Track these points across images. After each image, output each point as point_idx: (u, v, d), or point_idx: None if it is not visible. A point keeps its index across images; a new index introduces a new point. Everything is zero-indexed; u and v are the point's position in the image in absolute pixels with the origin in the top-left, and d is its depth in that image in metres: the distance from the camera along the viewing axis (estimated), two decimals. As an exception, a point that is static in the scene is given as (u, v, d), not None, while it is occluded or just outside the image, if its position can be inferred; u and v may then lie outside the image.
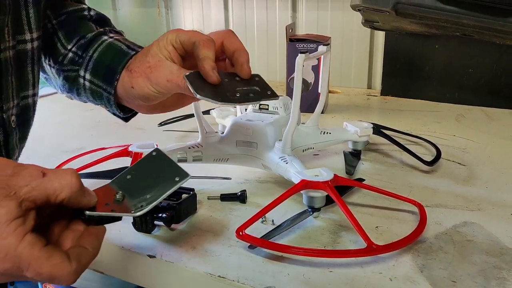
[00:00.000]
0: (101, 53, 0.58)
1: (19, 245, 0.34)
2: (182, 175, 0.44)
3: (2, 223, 0.34)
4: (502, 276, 0.48)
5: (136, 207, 0.42)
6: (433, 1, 0.84)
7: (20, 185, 0.35)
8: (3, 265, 0.34)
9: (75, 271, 0.37)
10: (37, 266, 0.35)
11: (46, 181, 0.36)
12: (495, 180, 0.71)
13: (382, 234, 0.56)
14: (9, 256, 0.34)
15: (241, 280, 0.48)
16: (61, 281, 0.36)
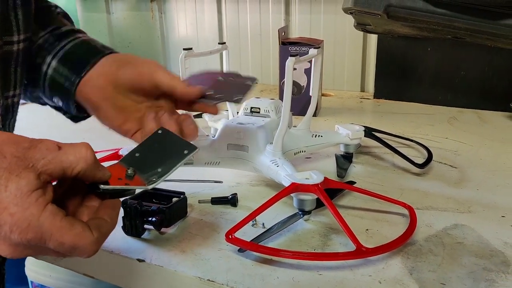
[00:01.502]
0: (75, 46, 0.57)
1: (41, 215, 0.35)
2: (190, 147, 0.45)
3: (23, 193, 0.34)
4: (491, 278, 0.48)
5: (148, 180, 0.42)
6: (424, 4, 0.84)
7: (37, 158, 0.35)
8: (26, 235, 0.34)
9: (97, 241, 0.37)
10: (59, 236, 0.35)
11: (62, 154, 0.37)
12: (486, 182, 0.72)
13: (372, 237, 0.56)
14: (32, 226, 0.34)
15: (230, 284, 0.48)
16: (84, 250, 0.37)
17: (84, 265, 0.58)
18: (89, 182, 0.39)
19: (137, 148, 0.45)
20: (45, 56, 0.57)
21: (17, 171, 0.34)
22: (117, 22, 1.65)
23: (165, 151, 0.45)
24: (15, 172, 0.34)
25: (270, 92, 1.33)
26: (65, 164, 0.36)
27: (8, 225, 0.34)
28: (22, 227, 0.34)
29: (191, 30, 1.53)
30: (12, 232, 0.34)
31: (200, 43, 1.51)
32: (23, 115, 1.21)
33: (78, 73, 0.55)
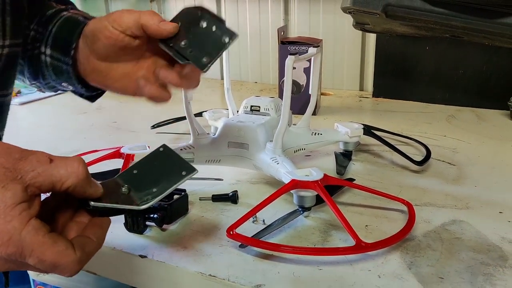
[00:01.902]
0: (59, 27, 0.56)
1: (23, 229, 0.34)
2: (189, 169, 0.44)
3: (7, 206, 0.33)
4: (488, 272, 0.49)
5: (142, 200, 0.42)
6: (422, 3, 0.85)
7: (27, 170, 0.35)
8: (6, 249, 0.34)
9: (79, 260, 0.36)
10: (40, 252, 0.34)
11: (53, 167, 0.36)
12: (484, 179, 0.72)
13: (372, 233, 0.57)
14: (12, 240, 0.34)
15: (232, 279, 0.49)
16: (64, 269, 0.36)
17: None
18: (79, 197, 0.39)
19: (136, 165, 0.45)
20: (39, 47, 0.57)
21: (4, 182, 0.34)
22: (117, 22, 1.66)
23: (164, 171, 0.45)
24: (2, 183, 0.34)
25: (270, 91, 1.34)
26: (54, 178, 0.36)
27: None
28: (3, 240, 0.33)
29: (191, 30, 1.54)
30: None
31: (199, 43, 1.51)
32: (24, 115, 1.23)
33: (67, 54, 0.54)
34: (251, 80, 1.48)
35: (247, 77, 1.48)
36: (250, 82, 1.47)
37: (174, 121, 0.97)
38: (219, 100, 1.28)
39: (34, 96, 1.30)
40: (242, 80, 1.48)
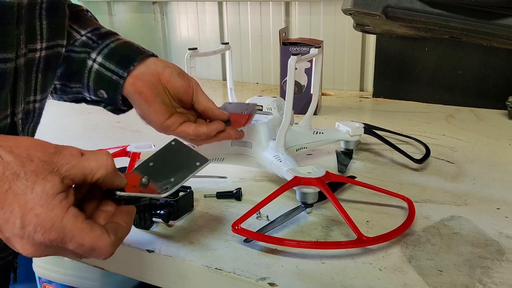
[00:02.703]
0: (118, 45, 0.61)
1: (64, 217, 0.37)
2: (202, 160, 0.47)
3: (48, 196, 0.36)
4: (486, 265, 0.50)
5: (162, 188, 0.44)
6: (421, 5, 0.87)
7: (62, 163, 0.38)
8: (49, 236, 0.36)
9: (114, 244, 0.39)
10: (80, 237, 0.37)
11: (84, 160, 0.39)
12: (482, 176, 0.74)
13: (373, 228, 0.58)
14: (55, 227, 0.36)
15: (237, 272, 0.50)
16: (101, 252, 0.39)
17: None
18: (107, 188, 0.42)
19: (151, 158, 0.48)
20: (89, 52, 0.60)
21: (43, 174, 0.36)
22: (119, 24, 1.68)
23: (178, 162, 0.47)
24: (42, 175, 0.36)
25: (271, 92, 1.35)
26: (86, 170, 0.39)
27: (33, 225, 0.36)
28: (46, 227, 0.36)
29: (193, 32, 1.56)
30: (36, 232, 0.36)
31: (201, 45, 1.53)
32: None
33: (125, 68, 0.59)
34: (252, 81, 1.49)
35: (249, 78, 1.50)
36: (251, 83, 1.49)
37: (177, 121, 0.99)
38: (222, 100, 1.29)
39: (38, 97, 1.32)
40: (243, 81, 1.50)
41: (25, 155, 0.37)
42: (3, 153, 0.36)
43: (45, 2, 0.51)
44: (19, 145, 0.37)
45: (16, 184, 0.36)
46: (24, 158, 0.37)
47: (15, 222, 0.36)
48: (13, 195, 0.36)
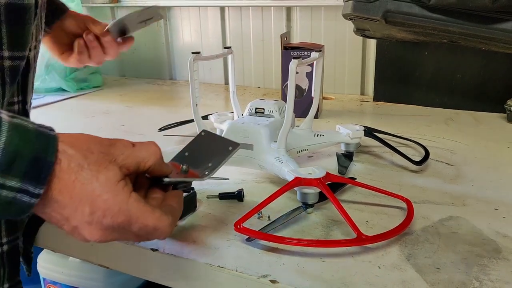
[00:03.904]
0: None
1: (128, 201, 0.40)
2: (233, 144, 0.51)
3: (112, 183, 0.40)
4: (483, 263, 0.51)
5: (202, 173, 0.48)
6: (420, 10, 0.88)
7: (117, 154, 0.41)
8: (117, 219, 0.40)
9: (172, 223, 0.43)
10: (144, 219, 0.41)
11: (136, 150, 0.43)
12: (480, 178, 0.75)
13: (372, 228, 0.59)
14: (122, 210, 0.40)
15: (239, 269, 0.51)
16: (162, 232, 0.43)
17: (100, 256, 0.62)
18: (156, 175, 0.45)
19: (184, 149, 0.51)
20: None
21: (104, 164, 0.40)
22: (123, 29, 1.69)
23: (211, 150, 0.51)
24: (103, 165, 0.40)
25: (273, 95, 1.37)
26: (139, 159, 0.42)
27: (102, 210, 0.39)
28: (114, 211, 0.39)
29: (195, 37, 1.57)
30: (105, 216, 0.39)
31: (204, 49, 1.55)
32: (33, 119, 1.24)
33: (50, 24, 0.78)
34: (254, 85, 1.51)
35: (250, 82, 1.51)
36: (253, 87, 1.50)
37: (180, 124, 1.00)
38: (224, 104, 1.31)
39: (43, 101, 1.34)
40: (245, 85, 1.52)
41: (86, 148, 0.40)
42: (66, 147, 0.39)
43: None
44: (78, 140, 0.41)
45: (82, 175, 0.39)
46: (85, 151, 0.40)
47: (84, 209, 0.39)
48: (80, 185, 0.38)
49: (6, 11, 0.47)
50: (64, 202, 0.39)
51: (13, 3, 0.48)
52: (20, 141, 0.36)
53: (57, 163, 0.38)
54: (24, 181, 0.36)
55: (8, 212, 0.37)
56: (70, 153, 0.39)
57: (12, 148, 0.36)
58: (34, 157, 0.37)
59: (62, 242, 0.65)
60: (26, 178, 0.36)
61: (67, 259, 0.91)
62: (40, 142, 0.38)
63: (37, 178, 0.37)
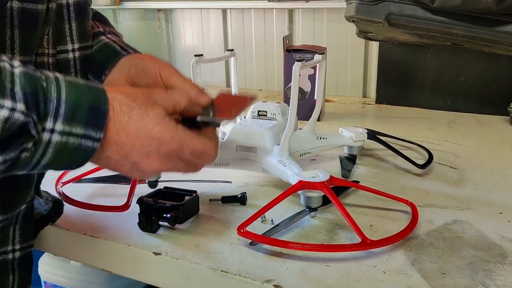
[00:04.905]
0: (96, 51, 0.62)
1: (177, 129, 0.46)
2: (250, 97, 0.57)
3: (161, 117, 0.45)
4: (489, 269, 0.51)
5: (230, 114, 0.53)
6: (423, 12, 0.88)
7: (157, 98, 0.47)
8: (171, 145, 0.46)
9: (215, 146, 0.50)
10: (193, 143, 0.47)
11: (170, 94, 0.49)
12: (484, 181, 0.75)
13: (376, 232, 0.59)
14: (174, 137, 0.46)
15: (243, 274, 0.51)
16: (209, 154, 0.49)
17: (102, 260, 0.61)
18: (189, 115, 0.51)
19: None
20: None
21: (150, 103, 0.46)
22: (124, 31, 1.69)
23: (231, 101, 0.57)
24: (149, 105, 0.46)
25: (275, 98, 1.37)
26: (174, 101, 0.48)
27: (157, 140, 0.45)
28: (167, 139, 0.45)
29: (197, 39, 1.57)
30: (161, 145, 0.45)
31: (206, 52, 1.54)
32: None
33: (98, 78, 0.60)
34: (256, 88, 1.51)
35: (252, 85, 1.51)
36: (255, 89, 1.50)
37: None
38: (225, 107, 1.30)
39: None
40: (247, 87, 1.51)
41: (131, 93, 0.46)
42: (115, 93, 0.44)
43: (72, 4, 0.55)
44: (122, 88, 0.48)
45: (133, 114, 0.44)
46: (131, 94, 0.45)
47: (142, 142, 0.44)
48: (133, 123, 0.44)
49: (19, 16, 0.47)
50: (122, 140, 0.44)
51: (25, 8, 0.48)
52: (78, 94, 0.41)
53: (110, 109, 0.43)
54: (87, 127, 0.42)
55: (74, 159, 0.42)
56: (119, 98, 0.44)
57: (72, 101, 0.41)
58: (91, 106, 0.42)
59: (63, 246, 0.64)
60: (88, 124, 0.42)
61: (68, 262, 0.90)
62: (93, 93, 0.43)
63: (96, 124, 0.42)
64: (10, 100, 0.38)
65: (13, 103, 0.38)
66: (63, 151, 0.41)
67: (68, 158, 0.42)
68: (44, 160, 0.41)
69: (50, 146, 0.41)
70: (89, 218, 0.65)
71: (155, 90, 0.48)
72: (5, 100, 0.38)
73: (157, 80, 0.57)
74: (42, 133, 0.40)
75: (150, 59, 0.59)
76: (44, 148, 0.40)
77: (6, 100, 0.38)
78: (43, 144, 0.40)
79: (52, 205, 0.64)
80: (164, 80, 0.57)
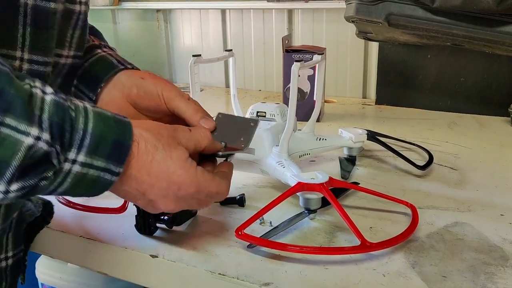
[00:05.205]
0: (91, 64, 0.60)
1: (196, 173, 0.48)
2: (253, 120, 0.58)
3: (183, 160, 0.47)
4: (490, 271, 0.50)
5: (240, 146, 0.55)
6: (423, 12, 0.87)
7: (180, 137, 0.49)
8: (190, 190, 0.47)
9: (228, 186, 0.52)
10: (209, 186, 0.49)
11: (194, 134, 0.51)
12: (485, 183, 0.74)
13: (376, 234, 0.58)
14: (193, 182, 0.47)
15: (241, 277, 0.50)
16: (222, 195, 0.51)
17: (98, 263, 0.60)
18: (210, 152, 0.53)
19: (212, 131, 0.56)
20: None
21: (174, 145, 0.47)
22: (123, 31, 1.69)
23: (235, 127, 0.57)
24: (173, 146, 0.47)
25: (274, 98, 1.36)
26: (196, 141, 0.50)
27: (177, 184, 0.46)
28: (186, 184, 0.47)
29: (196, 39, 1.57)
30: (180, 189, 0.47)
31: (204, 52, 1.54)
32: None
33: (93, 90, 0.58)
34: (255, 88, 1.50)
35: (251, 86, 1.50)
36: (254, 90, 1.49)
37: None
38: (225, 107, 1.30)
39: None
40: (246, 88, 1.51)
41: (157, 132, 0.46)
42: (142, 131, 0.45)
43: (82, 13, 0.54)
44: (148, 125, 0.47)
45: (157, 155, 0.45)
46: (157, 134, 0.46)
47: (162, 185, 0.46)
48: (156, 164, 0.45)
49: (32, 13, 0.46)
50: (142, 179, 0.45)
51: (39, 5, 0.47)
52: (104, 126, 0.42)
53: (135, 146, 0.44)
54: (108, 161, 0.42)
55: (90, 189, 0.43)
56: (145, 136, 0.45)
57: (98, 133, 0.41)
58: (115, 140, 0.42)
59: (60, 249, 0.64)
60: (110, 158, 0.42)
61: (65, 264, 0.90)
62: (119, 127, 0.43)
63: (118, 159, 0.43)
64: (37, 128, 0.38)
65: (39, 132, 0.38)
66: (81, 182, 0.42)
67: (84, 188, 0.43)
68: (61, 188, 0.42)
69: (69, 176, 0.41)
70: (85, 220, 0.64)
71: (180, 129, 0.49)
72: (32, 127, 0.38)
73: (160, 103, 0.57)
74: (64, 163, 0.40)
75: (151, 79, 0.58)
76: (63, 178, 0.41)
77: (34, 127, 0.38)
78: (63, 174, 0.40)
79: (43, 207, 0.63)
80: (167, 103, 0.57)
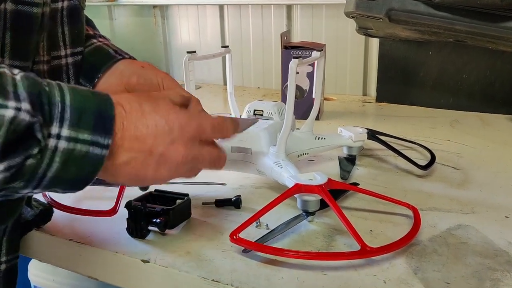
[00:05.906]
0: (88, 54, 0.59)
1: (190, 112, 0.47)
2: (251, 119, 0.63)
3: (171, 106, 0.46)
4: (496, 278, 0.48)
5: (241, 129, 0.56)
6: (425, 8, 0.85)
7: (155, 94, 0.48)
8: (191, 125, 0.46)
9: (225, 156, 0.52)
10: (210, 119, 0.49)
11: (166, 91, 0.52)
12: (489, 183, 0.72)
13: (376, 238, 0.56)
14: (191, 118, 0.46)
15: (235, 284, 0.48)
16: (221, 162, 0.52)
17: (88, 267, 0.58)
18: None
19: None
20: None
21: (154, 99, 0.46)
22: (120, 28, 1.66)
23: None
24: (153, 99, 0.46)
25: (272, 96, 1.34)
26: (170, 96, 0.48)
27: (177, 123, 0.45)
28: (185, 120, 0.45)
29: (194, 36, 1.54)
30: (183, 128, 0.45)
31: (202, 48, 1.51)
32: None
33: (91, 81, 0.57)
34: (253, 86, 1.48)
35: (250, 83, 1.48)
36: (252, 87, 1.47)
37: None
38: (222, 105, 1.28)
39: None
40: (244, 85, 1.48)
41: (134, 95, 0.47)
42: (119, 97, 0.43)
43: (65, 9, 0.52)
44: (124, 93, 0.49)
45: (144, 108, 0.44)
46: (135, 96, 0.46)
47: (164, 129, 0.44)
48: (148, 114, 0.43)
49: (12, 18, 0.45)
50: (143, 133, 0.43)
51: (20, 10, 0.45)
52: (82, 98, 0.40)
53: (120, 109, 0.42)
54: (95, 133, 0.39)
55: (82, 169, 0.40)
56: (126, 97, 0.44)
57: (77, 105, 0.39)
58: (97, 111, 0.40)
59: (49, 252, 0.62)
60: (96, 130, 0.40)
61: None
62: (97, 98, 0.41)
63: (104, 129, 0.40)
64: (13, 101, 0.35)
65: (17, 103, 0.35)
66: (70, 159, 0.39)
67: (75, 167, 0.39)
68: (50, 172, 0.38)
69: (56, 155, 0.38)
70: (75, 223, 0.62)
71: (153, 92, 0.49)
72: (8, 101, 0.35)
73: (160, 91, 0.56)
74: (48, 139, 0.37)
75: (151, 69, 0.58)
76: (51, 157, 0.38)
77: (10, 101, 0.35)
78: (49, 152, 0.38)
79: (40, 212, 0.61)
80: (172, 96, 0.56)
